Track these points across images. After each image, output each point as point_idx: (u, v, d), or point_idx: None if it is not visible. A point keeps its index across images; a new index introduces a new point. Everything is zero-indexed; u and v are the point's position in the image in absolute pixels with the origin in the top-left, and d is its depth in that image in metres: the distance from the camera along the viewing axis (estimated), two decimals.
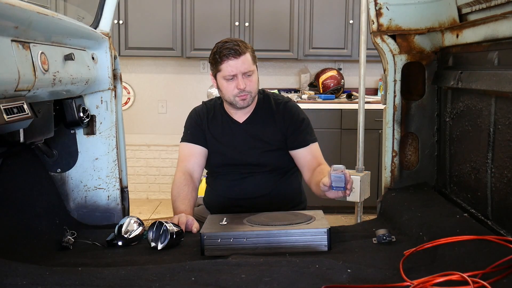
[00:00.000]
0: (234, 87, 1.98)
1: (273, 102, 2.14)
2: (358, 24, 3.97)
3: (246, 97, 2.01)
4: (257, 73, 2.05)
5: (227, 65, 1.96)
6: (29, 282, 1.25)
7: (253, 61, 2.01)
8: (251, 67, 1.99)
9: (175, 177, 2.10)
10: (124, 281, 1.29)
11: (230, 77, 1.98)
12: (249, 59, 1.98)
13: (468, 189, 1.86)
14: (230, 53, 1.95)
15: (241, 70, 1.96)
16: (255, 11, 4.60)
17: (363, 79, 3.11)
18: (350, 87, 4.83)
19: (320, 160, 2.09)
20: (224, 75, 1.98)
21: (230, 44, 1.97)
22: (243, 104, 2.03)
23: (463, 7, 1.93)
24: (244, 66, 1.96)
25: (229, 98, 2.03)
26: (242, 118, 2.13)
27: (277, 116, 2.11)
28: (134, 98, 5.06)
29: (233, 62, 1.95)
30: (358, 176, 3.03)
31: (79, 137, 2.16)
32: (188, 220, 1.87)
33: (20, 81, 1.48)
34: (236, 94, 2.00)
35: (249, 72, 1.98)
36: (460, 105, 1.94)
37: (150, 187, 5.09)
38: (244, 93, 1.99)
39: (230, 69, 1.96)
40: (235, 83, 1.98)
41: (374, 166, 3.96)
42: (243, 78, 1.98)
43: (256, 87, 2.05)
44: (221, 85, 2.02)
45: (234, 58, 1.95)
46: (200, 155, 2.13)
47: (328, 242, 1.58)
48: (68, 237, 1.78)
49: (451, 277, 1.18)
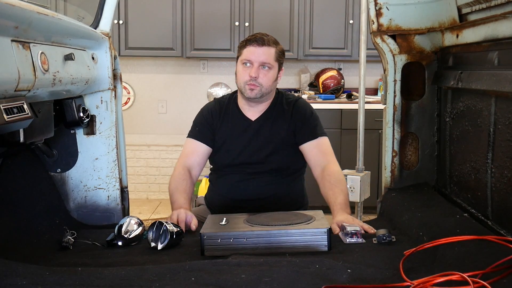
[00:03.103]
0: (247, 74, 2.01)
1: (285, 101, 2.16)
2: (358, 24, 3.97)
3: (255, 88, 2.02)
4: (276, 72, 2.06)
5: (248, 50, 2.01)
6: (29, 282, 1.25)
7: (276, 58, 2.04)
8: (271, 61, 2.02)
9: (175, 171, 2.10)
10: (124, 281, 1.29)
11: (246, 62, 2.02)
12: (271, 53, 2.02)
13: (468, 189, 1.86)
14: (256, 40, 2.01)
15: (259, 59, 2.00)
16: (255, 11, 4.60)
17: (363, 79, 3.11)
18: (350, 87, 4.83)
19: (329, 158, 2.07)
20: (242, 59, 2.04)
21: (261, 34, 2.04)
22: (250, 95, 2.03)
23: (463, 7, 1.93)
24: (263, 56, 2.00)
25: (240, 84, 2.06)
26: (254, 115, 2.13)
27: (287, 114, 2.12)
28: (134, 98, 5.06)
29: (255, 49, 2.00)
30: (358, 176, 3.03)
31: (79, 137, 2.16)
32: (187, 217, 1.87)
33: (20, 81, 1.48)
34: (246, 81, 2.02)
35: (266, 64, 2.01)
36: (460, 105, 1.94)
37: (150, 187, 5.09)
38: (255, 83, 2.01)
39: (249, 54, 2.01)
40: (249, 70, 2.01)
41: (374, 166, 3.96)
42: (259, 68, 2.01)
43: (270, 84, 2.05)
44: (237, 69, 2.07)
45: (257, 45, 2.00)
46: (202, 154, 2.13)
47: (328, 242, 1.58)
48: (68, 237, 1.77)
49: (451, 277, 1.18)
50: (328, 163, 2.04)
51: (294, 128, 2.10)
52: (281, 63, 2.08)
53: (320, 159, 2.06)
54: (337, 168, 2.03)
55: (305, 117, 2.11)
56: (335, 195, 1.90)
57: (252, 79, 2.00)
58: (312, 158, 2.08)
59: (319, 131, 2.11)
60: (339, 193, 1.91)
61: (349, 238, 1.64)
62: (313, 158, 2.08)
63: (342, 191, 1.93)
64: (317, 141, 2.08)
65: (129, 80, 5.00)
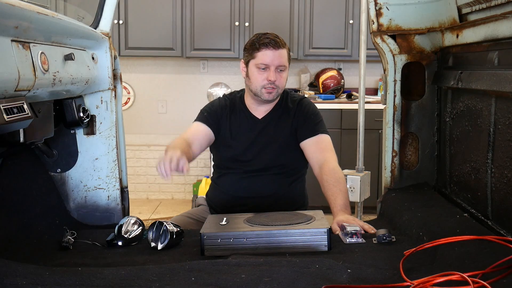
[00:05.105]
0: (264, 78, 2.00)
1: (290, 99, 2.16)
2: (358, 24, 3.97)
3: (273, 91, 2.02)
4: (288, 72, 2.07)
5: (264, 54, 1.98)
6: (29, 282, 1.25)
7: (288, 59, 2.04)
8: (285, 63, 2.02)
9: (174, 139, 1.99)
10: (124, 281, 1.29)
11: (263, 67, 1.99)
12: (285, 55, 2.01)
13: (468, 189, 1.86)
14: (270, 43, 1.97)
15: (276, 63, 1.98)
16: (255, 11, 4.60)
17: (363, 79, 3.11)
18: (350, 87, 4.83)
19: (326, 154, 2.04)
20: (257, 63, 2.00)
21: (271, 35, 2.00)
22: (268, 98, 2.03)
23: (463, 7, 1.93)
24: (280, 59, 1.99)
25: (255, 88, 2.03)
26: (261, 114, 2.13)
27: (291, 112, 2.12)
28: (134, 98, 5.06)
29: (271, 52, 1.97)
30: (358, 176, 3.03)
31: (79, 137, 2.16)
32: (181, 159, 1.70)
33: (20, 81, 1.48)
34: (264, 85, 2.01)
35: (282, 67, 2.00)
36: (460, 105, 1.94)
37: (150, 187, 5.09)
38: (272, 86, 2.01)
39: (266, 58, 1.98)
40: (267, 74, 1.99)
41: (374, 166, 3.96)
42: (275, 71, 1.99)
43: (285, 84, 2.06)
44: (251, 73, 2.03)
45: (273, 49, 1.97)
46: (205, 136, 2.08)
47: (328, 242, 1.58)
48: (68, 237, 1.77)
49: (451, 277, 1.18)
50: (325, 160, 2.02)
51: (296, 126, 2.10)
52: (290, 62, 2.08)
53: (318, 156, 2.05)
54: (334, 166, 2.00)
55: (307, 115, 2.11)
56: (334, 196, 1.90)
57: (270, 82, 1.99)
58: (310, 155, 2.07)
59: (320, 128, 2.10)
60: (338, 193, 1.90)
61: (349, 238, 1.64)
62: (312, 155, 2.07)
63: (341, 190, 1.92)
64: (317, 138, 2.08)
65: (129, 80, 5.00)
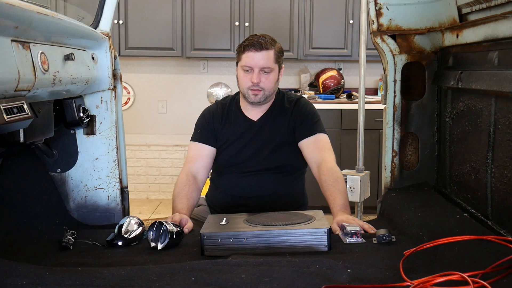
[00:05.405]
0: (248, 80, 2.02)
1: (286, 100, 2.16)
2: (358, 24, 3.97)
3: (259, 93, 2.03)
4: (277, 73, 2.06)
5: (247, 56, 2.00)
6: (29, 282, 1.25)
7: (276, 60, 2.03)
8: (271, 64, 2.01)
9: (178, 177, 2.11)
10: (124, 281, 1.29)
11: (247, 69, 2.01)
12: (271, 56, 2.01)
13: (468, 189, 1.86)
14: (253, 45, 1.99)
15: (259, 65, 1.99)
16: (255, 11, 4.60)
17: (363, 79, 3.11)
18: (350, 87, 4.83)
19: (324, 154, 2.04)
20: (242, 65, 2.03)
21: (257, 37, 2.01)
22: (254, 100, 2.05)
23: (463, 7, 1.93)
24: (263, 61, 1.99)
25: (243, 89, 2.06)
26: (256, 116, 2.14)
27: (289, 112, 2.12)
28: (134, 98, 5.06)
29: (253, 54, 1.99)
30: (358, 176, 3.03)
31: (79, 137, 2.16)
32: (182, 219, 1.85)
33: (20, 81, 1.48)
34: (249, 87, 2.02)
35: (267, 68, 2.01)
36: (460, 105, 1.94)
37: (150, 187, 5.09)
38: (257, 88, 2.01)
39: (248, 60, 2.00)
40: (250, 75, 2.01)
41: (374, 166, 3.96)
42: (260, 73, 2.00)
43: (272, 86, 2.06)
44: (238, 75, 2.07)
45: (255, 51, 1.99)
46: (207, 157, 2.13)
47: (328, 242, 1.58)
48: (68, 237, 1.77)
49: (451, 277, 1.18)
50: (323, 160, 2.02)
51: (293, 126, 2.10)
52: (280, 63, 2.07)
53: (315, 156, 2.04)
54: (332, 165, 2.00)
55: (305, 114, 2.11)
56: (333, 196, 1.90)
57: (254, 84, 2.00)
58: (308, 155, 2.07)
59: (318, 128, 2.10)
60: (336, 193, 1.90)
61: (349, 238, 1.64)
62: (309, 155, 2.07)
63: (339, 190, 1.92)
64: (315, 138, 2.08)
65: (129, 80, 5.00)
